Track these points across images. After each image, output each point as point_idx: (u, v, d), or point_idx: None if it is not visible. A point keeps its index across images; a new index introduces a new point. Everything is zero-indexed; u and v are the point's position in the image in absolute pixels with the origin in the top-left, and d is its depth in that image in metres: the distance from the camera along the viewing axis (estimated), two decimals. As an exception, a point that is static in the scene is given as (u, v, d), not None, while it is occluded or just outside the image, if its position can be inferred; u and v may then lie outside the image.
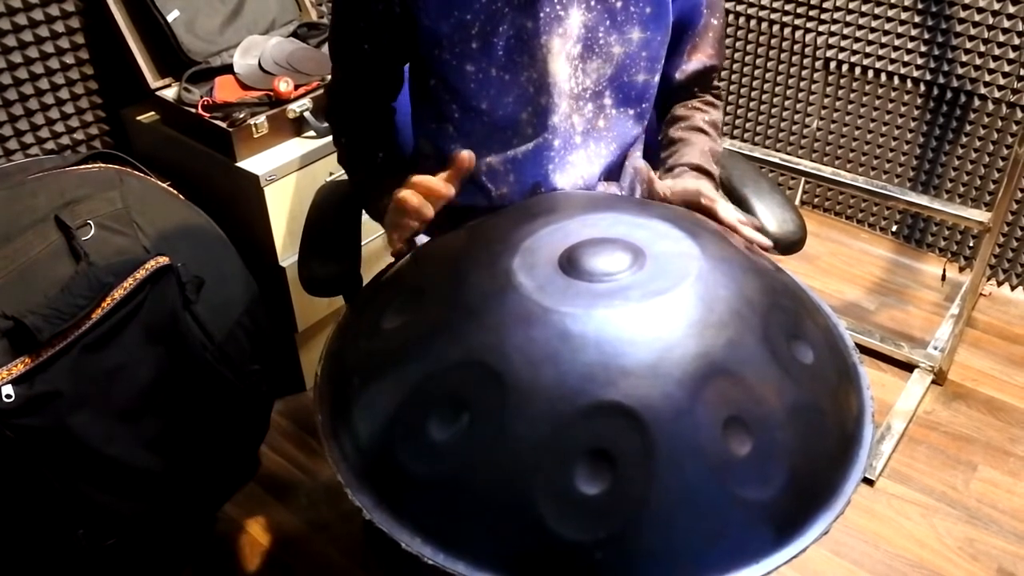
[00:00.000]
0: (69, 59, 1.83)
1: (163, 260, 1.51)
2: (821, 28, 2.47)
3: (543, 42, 1.07)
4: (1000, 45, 2.18)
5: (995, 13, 2.16)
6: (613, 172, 1.23)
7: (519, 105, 1.12)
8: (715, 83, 1.31)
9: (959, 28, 2.23)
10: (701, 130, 1.24)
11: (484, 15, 1.05)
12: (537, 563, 0.73)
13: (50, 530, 1.45)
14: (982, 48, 2.21)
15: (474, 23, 1.06)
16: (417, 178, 1.04)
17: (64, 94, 1.85)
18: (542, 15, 1.06)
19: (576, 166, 1.17)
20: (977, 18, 2.19)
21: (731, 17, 2.63)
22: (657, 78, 1.19)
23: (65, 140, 1.88)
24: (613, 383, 0.75)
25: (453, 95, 1.14)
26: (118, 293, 1.44)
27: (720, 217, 1.06)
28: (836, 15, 2.42)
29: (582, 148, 1.17)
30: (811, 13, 2.46)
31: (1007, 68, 2.20)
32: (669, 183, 1.12)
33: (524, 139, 1.14)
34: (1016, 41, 2.15)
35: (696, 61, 1.24)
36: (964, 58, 2.25)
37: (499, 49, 1.07)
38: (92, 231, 1.49)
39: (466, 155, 1.03)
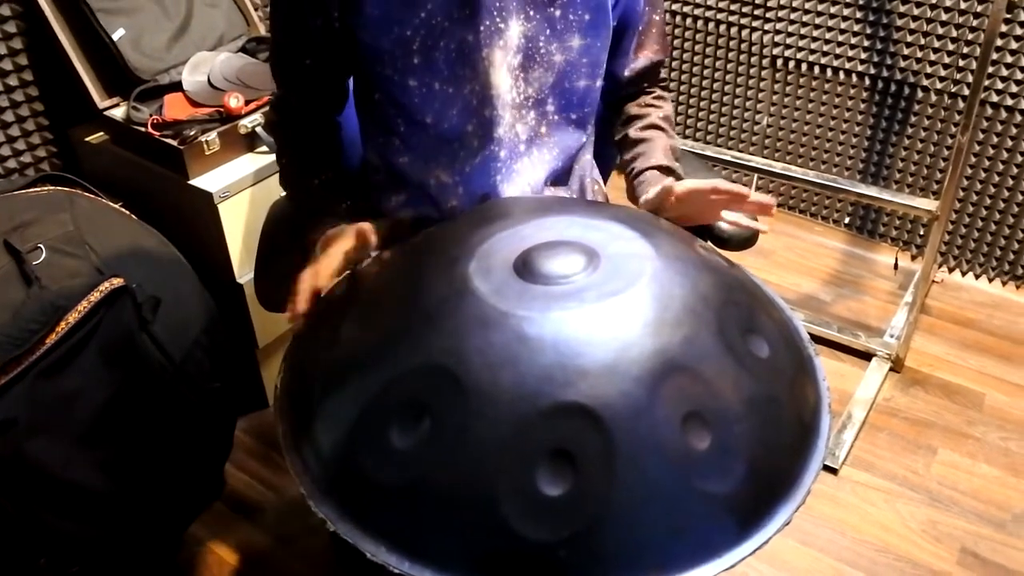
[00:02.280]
0: (13, 81, 1.80)
1: (117, 281, 1.49)
2: (767, 27, 2.50)
3: (484, 55, 1.08)
4: (939, 38, 2.23)
5: (933, 7, 2.21)
6: (560, 177, 1.24)
7: (464, 117, 1.12)
8: (662, 76, 1.33)
9: (899, 23, 2.28)
10: (658, 127, 1.27)
11: (424, 30, 1.05)
12: (503, 565, 0.73)
13: (11, 560, 1.42)
14: (922, 41, 2.26)
15: (414, 38, 1.06)
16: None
17: (9, 116, 1.82)
18: (482, 28, 1.06)
19: (522, 173, 1.17)
20: (916, 12, 2.24)
21: (679, 18, 2.66)
22: (599, 83, 1.21)
23: (12, 163, 1.85)
24: (572, 384, 0.76)
25: (398, 109, 1.13)
26: (72, 316, 1.42)
27: (692, 189, 1.09)
28: (781, 13, 2.46)
29: (526, 156, 1.17)
30: (756, 12, 2.50)
31: (947, 60, 2.25)
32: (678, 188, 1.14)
33: (471, 151, 1.14)
34: (954, 33, 2.21)
35: (643, 58, 1.27)
36: (906, 51, 2.30)
37: (441, 63, 1.07)
38: (43, 254, 1.47)
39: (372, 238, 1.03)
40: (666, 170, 1.21)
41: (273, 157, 1.81)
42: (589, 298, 0.82)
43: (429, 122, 1.12)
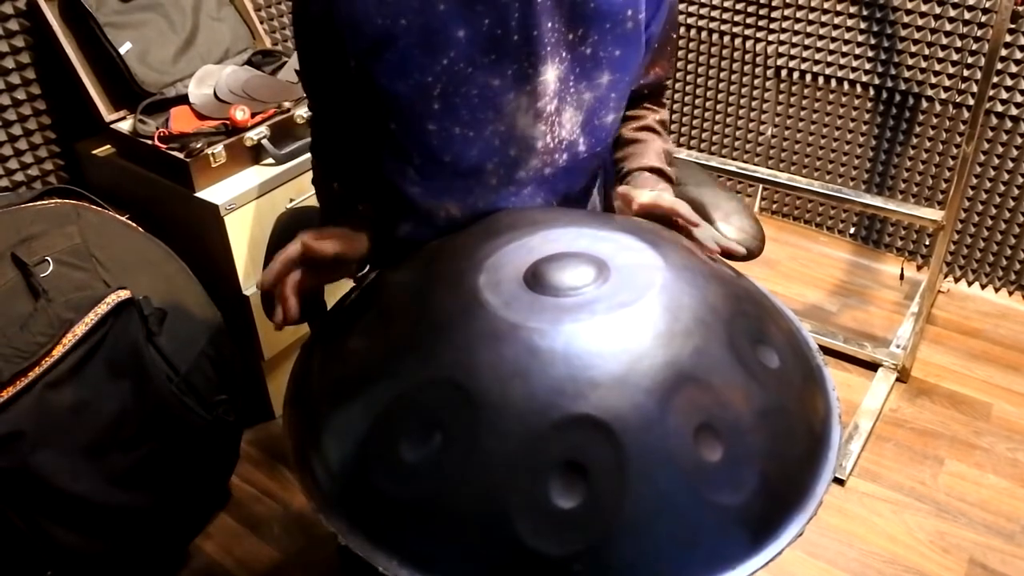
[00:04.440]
0: (20, 95, 1.81)
1: (124, 294, 1.49)
2: (772, 37, 2.51)
3: (510, 98, 1.02)
4: (943, 48, 2.24)
5: (937, 17, 2.21)
6: (576, 202, 1.21)
7: (484, 156, 1.06)
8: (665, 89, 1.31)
9: (903, 33, 2.28)
10: (653, 130, 1.22)
11: (446, 77, 0.99)
12: (515, 580, 0.73)
13: (18, 572, 1.42)
14: (926, 51, 2.27)
15: (435, 85, 0.99)
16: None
17: (17, 130, 1.82)
18: (509, 72, 1.01)
19: (537, 203, 1.14)
20: (920, 22, 2.24)
21: (684, 29, 2.67)
22: (621, 112, 1.15)
23: (19, 176, 1.86)
24: (583, 396, 0.75)
25: (414, 144, 1.07)
26: (79, 329, 1.42)
27: (682, 215, 1.04)
28: (786, 24, 2.47)
29: (545, 190, 1.13)
30: (761, 23, 2.51)
31: (951, 70, 2.25)
32: (640, 198, 1.10)
33: (487, 188, 1.09)
34: (959, 43, 2.21)
35: (653, 75, 1.22)
36: (910, 61, 2.30)
37: (462, 109, 1.02)
38: (50, 267, 1.47)
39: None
40: (657, 172, 1.16)
41: (279, 170, 1.83)
42: (599, 310, 0.82)
43: (447, 160, 1.06)
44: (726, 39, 2.61)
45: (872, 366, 2.19)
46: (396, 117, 1.06)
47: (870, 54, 2.36)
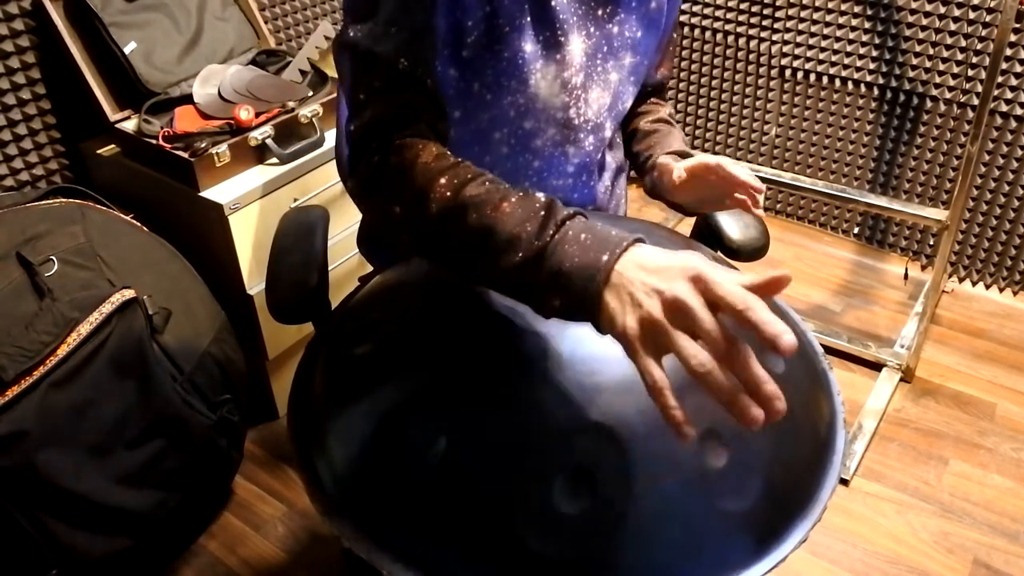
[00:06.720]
0: (26, 94, 1.81)
1: (129, 293, 1.49)
2: (775, 37, 2.50)
3: (539, 67, 1.02)
4: (948, 47, 2.23)
5: (941, 16, 2.21)
6: (604, 197, 1.23)
7: (493, 124, 1.05)
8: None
9: (908, 32, 2.28)
10: (668, 122, 1.26)
11: (484, 26, 0.97)
12: (521, 585, 0.73)
13: (23, 572, 1.43)
14: (931, 51, 2.26)
15: (473, 31, 0.97)
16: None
17: (22, 129, 1.82)
18: (541, 39, 1.01)
19: (559, 191, 1.14)
20: (925, 22, 2.24)
21: (687, 29, 2.67)
22: (632, 101, 1.18)
23: (24, 176, 1.86)
24: (589, 401, 0.76)
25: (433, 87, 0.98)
26: (84, 328, 1.43)
27: (730, 172, 1.01)
28: (789, 24, 2.46)
29: (572, 177, 1.14)
30: (765, 23, 2.50)
31: (955, 70, 2.25)
32: (681, 165, 1.09)
33: (498, 157, 1.09)
34: (963, 43, 2.21)
35: (660, 75, 1.27)
36: (914, 61, 2.30)
37: (488, 67, 1.00)
38: (55, 267, 1.47)
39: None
40: (685, 156, 1.15)
41: (283, 170, 1.82)
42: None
43: (456, 116, 1.04)
44: (730, 39, 2.60)
45: (876, 366, 2.19)
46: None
47: (874, 54, 2.36)
